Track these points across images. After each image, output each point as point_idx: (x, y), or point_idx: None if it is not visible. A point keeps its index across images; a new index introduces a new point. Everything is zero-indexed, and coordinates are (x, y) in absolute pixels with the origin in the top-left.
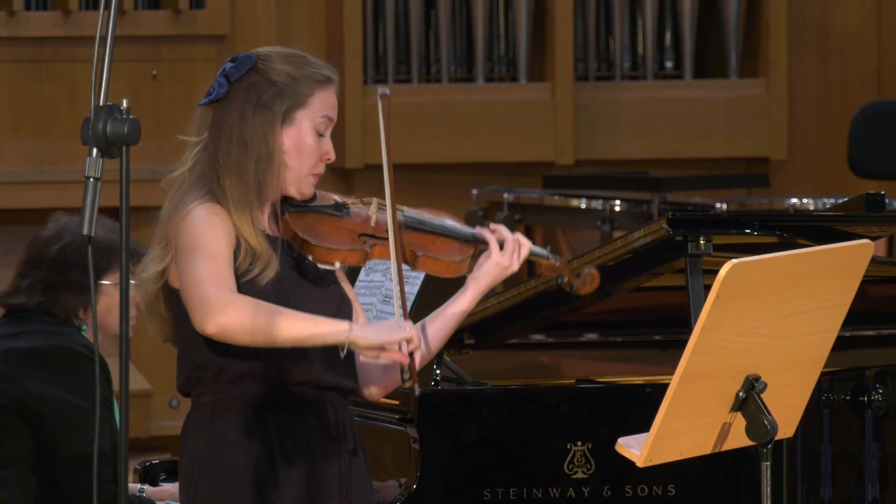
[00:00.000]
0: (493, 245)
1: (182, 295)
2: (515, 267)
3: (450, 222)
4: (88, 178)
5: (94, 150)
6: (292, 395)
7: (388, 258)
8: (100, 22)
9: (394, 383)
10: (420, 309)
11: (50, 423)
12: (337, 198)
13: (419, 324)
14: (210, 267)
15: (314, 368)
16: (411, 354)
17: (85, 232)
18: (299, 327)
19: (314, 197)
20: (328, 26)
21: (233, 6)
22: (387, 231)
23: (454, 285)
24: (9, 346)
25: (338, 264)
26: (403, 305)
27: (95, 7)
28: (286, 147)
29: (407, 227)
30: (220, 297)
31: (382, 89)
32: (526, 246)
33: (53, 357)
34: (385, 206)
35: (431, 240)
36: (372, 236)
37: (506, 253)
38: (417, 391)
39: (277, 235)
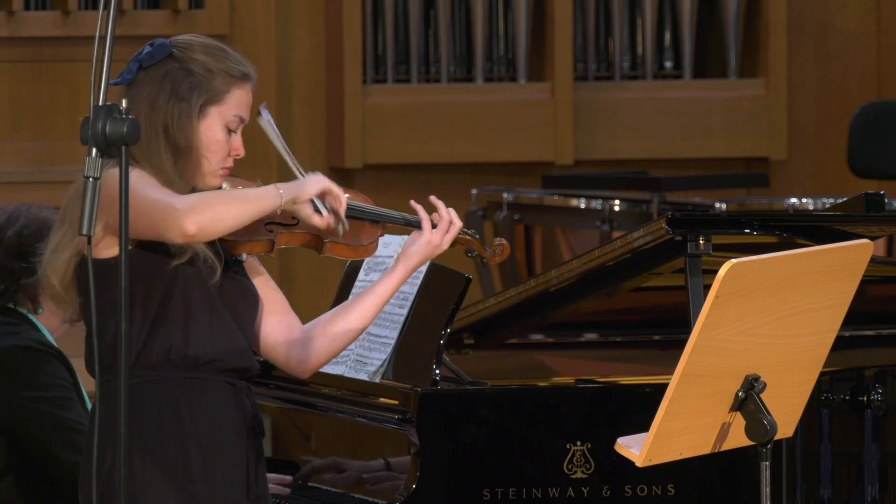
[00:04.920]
0: (426, 224)
1: (139, 223)
2: (445, 246)
3: (369, 206)
4: (87, 177)
5: (94, 150)
6: (210, 384)
7: (294, 245)
8: (99, 22)
9: (324, 351)
10: (419, 308)
11: (28, 427)
12: (244, 182)
13: (345, 304)
14: (156, 189)
15: (228, 351)
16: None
17: (84, 232)
18: (243, 206)
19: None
20: (328, 26)
21: (232, 6)
22: (293, 218)
23: (454, 283)
24: None
25: (245, 256)
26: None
27: (95, 7)
28: (202, 141)
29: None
30: (183, 201)
31: (262, 109)
32: (457, 225)
33: (7, 361)
34: None
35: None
36: (280, 224)
37: (437, 231)
38: (342, 228)
39: None
